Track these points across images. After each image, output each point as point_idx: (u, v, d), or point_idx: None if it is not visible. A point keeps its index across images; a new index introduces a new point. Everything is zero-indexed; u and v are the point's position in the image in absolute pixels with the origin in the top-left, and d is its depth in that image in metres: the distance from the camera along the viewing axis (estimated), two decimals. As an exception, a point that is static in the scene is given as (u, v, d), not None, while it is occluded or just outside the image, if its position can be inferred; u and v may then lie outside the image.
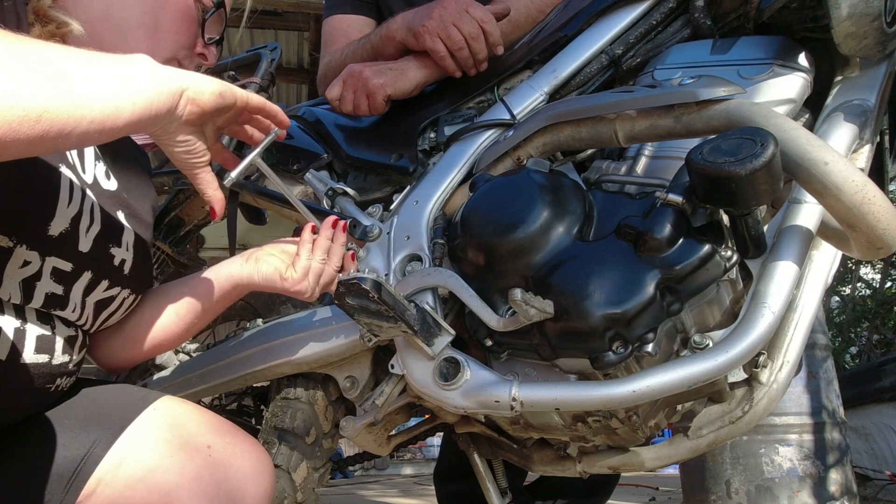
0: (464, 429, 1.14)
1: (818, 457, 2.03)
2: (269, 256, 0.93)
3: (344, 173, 1.24)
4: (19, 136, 0.52)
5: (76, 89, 0.57)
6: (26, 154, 0.55)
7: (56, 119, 0.54)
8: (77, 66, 0.58)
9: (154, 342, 0.95)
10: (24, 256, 0.71)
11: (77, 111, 0.56)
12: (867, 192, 0.71)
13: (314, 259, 0.91)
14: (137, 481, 0.75)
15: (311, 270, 0.90)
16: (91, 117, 0.57)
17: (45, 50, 0.58)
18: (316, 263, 0.91)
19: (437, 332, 0.90)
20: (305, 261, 0.90)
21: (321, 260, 0.91)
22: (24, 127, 0.52)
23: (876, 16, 0.83)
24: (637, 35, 1.07)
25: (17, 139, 0.52)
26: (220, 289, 0.94)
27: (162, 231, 1.54)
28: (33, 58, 0.55)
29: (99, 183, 0.84)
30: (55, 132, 0.54)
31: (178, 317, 0.95)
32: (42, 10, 0.72)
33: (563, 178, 0.93)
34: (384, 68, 1.20)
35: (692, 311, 0.82)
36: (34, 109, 0.52)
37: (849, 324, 5.15)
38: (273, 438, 1.16)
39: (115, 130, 0.60)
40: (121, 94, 0.60)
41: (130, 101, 0.61)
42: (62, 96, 0.55)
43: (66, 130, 0.55)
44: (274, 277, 0.91)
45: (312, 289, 0.91)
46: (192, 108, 0.69)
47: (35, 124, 0.52)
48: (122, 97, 0.60)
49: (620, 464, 1.01)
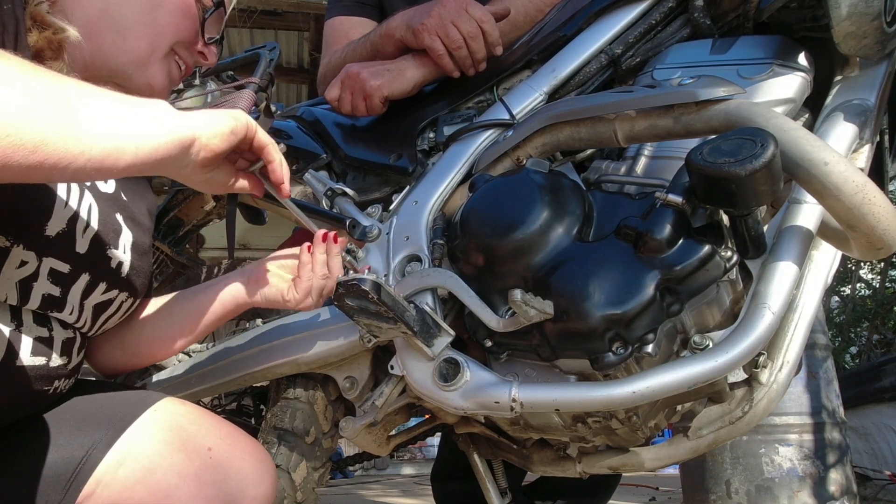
0: (463, 429, 1.14)
1: (818, 457, 2.03)
2: (270, 277, 0.94)
3: (343, 173, 1.24)
4: (11, 164, 0.51)
5: (80, 125, 0.57)
6: (19, 181, 0.54)
7: (53, 152, 0.54)
8: (88, 102, 0.59)
9: (152, 353, 0.96)
10: (21, 256, 0.71)
11: (76, 147, 0.56)
12: (867, 193, 0.71)
13: (315, 278, 0.92)
14: (137, 482, 0.75)
15: (314, 289, 0.92)
16: (89, 155, 0.57)
17: (58, 82, 0.58)
18: (318, 281, 0.92)
19: (437, 332, 0.90)
20: (307, 282, 0.92)
21: (322, 276, 0.92)
22: (18, 155, 0.52)
23: (875, 15, 0.83)
24: (636, 35, 1.07)
25: (10, 166, 0.52)
26: (223, 308, 0.96)
27: (161, 231, 1.54)
28: (41, 87, 0.55)
29: (96, 185, 0.84)
30: (50, 164, 0.54)
31: (179, 331, 0.96)
32: (39, 16, 0.72)
33: (563, 178, 0.93)
34: (381, 69, 1.20)
35: (692, 311, 0.82)
36: (31, 140, 0.52)
37: (849, 324, 5.15)
38: (273, 438, 1.16)
39: (115, 171, 0.61)
40: (126, 137, 0.61)
41: (134, 145, 0.61)
42: (63, 130, 0.55)
43: (62, 164, 0.55)
44: (276, 298, 0.93)
45: (316, 303, 0.93)
46: (206, 154, 0.70)
47: (30, 154, 0.52)
48: (127, 140, 0.61)
49: (620, 464, 1.01)
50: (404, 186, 1.13)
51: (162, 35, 0.84)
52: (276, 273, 0.95)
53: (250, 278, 0.95)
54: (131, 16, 0.82)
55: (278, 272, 0.95)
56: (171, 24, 0.85)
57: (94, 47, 0.79)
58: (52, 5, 0.74)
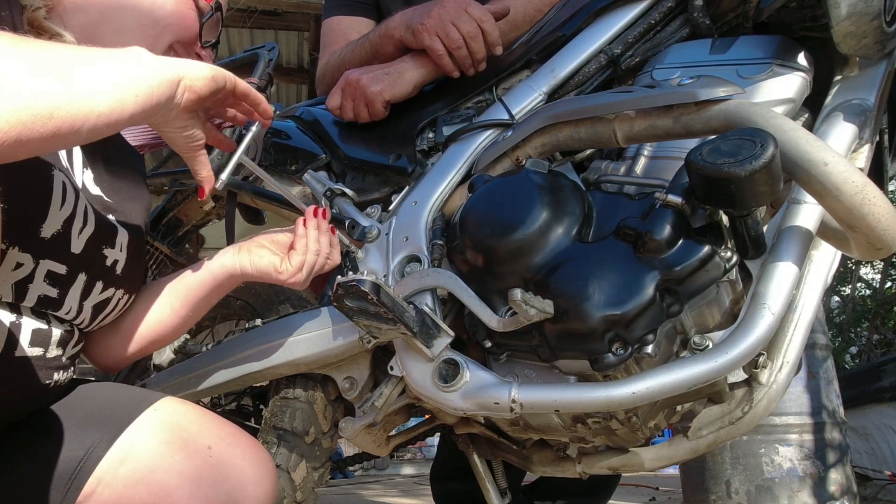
0: (463, 430, 1.14)
1: (818, 457, 2.03)
2: (262, 249, 0.96)
3: (342, 174, 1.24)
4: (33, 136, 0.53)
5: (82, 85, 0.58)
6: (39, 152, 0.57)
7: (67, 115, 0.56)
8: (78, 61, 0.60)
9: (150, 337, 0.95)
10: (16, 258, 0.71)
11: (85, 105, 0.58)
12: (867, 193, 0.71)
13: (309, 253, 0.94)
14: (137, 482, 0.75)
15: (306, 264, 0.93)
16: (99, 111, 0.59)
17: (47, 49, 0.59)
18: (310, 257, 0.94)
19: (437, 333, 0.90)
20: (301, 256, 0.93)
21: (315, 252, 0.94)
22: (38, 125, 0.54)
23: (875, 15, 0.83)
24: (636, 34, 1.06)
25: (32, 138, 0.53)
26: (215, 280, 0.96)
27: (160, 231, 1.54)
28: (38, 57, 0.57)
29: (92, 185, 0.84)
30: (66, 128, 0.56)
31: (173, 311, 0.95)
32: (37, 21, 0.72)
33: (562, 178, 0.93)
34: (381, 74, 1.20)
35: (692, 312, 0.82)
36: (45, 107, 0.54)
37: (849, 324, 5.14)
38: (272, 438, 1.16)
39: (122, 122, 0.63)
40: (123, 85, 0.62)
41: (133, 92, 0.63)
42: (70, 93, 0.57)
43: (77, 126, 0.57)
44: (269, 270, 0.94)
45: (306, 280, 0.95)
46: (190, 95, 0.71)
47: (47, 122, 0.54)
48: (125, 89, 0.63)
49: (620, 464, 1.01)
50: (403, 187, 1.13)
51: (160, 39, 0.85)
52: (269, 247, 0.96)
53: (242, 249, 0.96)
54: (131, 19, 0.82)
55: (270, 247, 0.97)
56: (169, 26, 0.86)
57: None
58: (49, 11, 0.75)
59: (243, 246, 0.96)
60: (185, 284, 0.96)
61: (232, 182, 1.32)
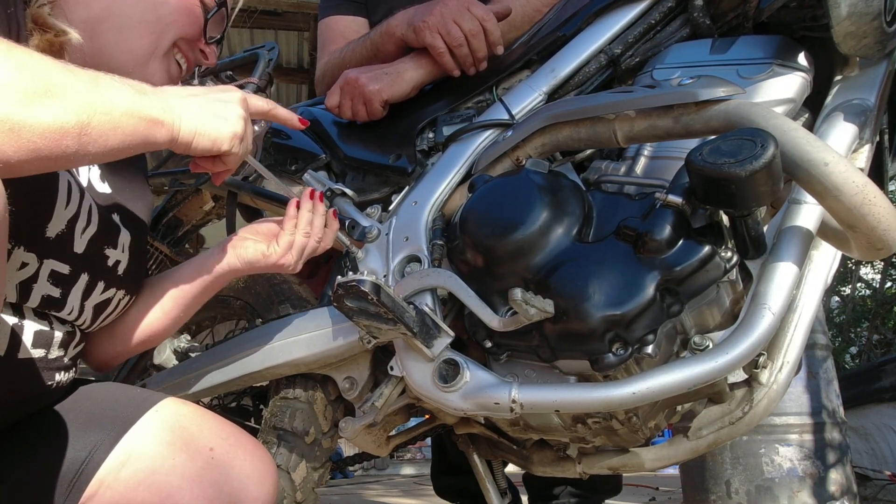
0: (463, 430, 1.14)
1: (818, 457, 2.02)
2: (246, 241, 0.96)
3: (342, 174, 1.24)
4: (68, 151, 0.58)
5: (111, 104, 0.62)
6: (63, 166, 0.62)
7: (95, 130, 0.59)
8: (106, 85, 0.64)
9: (141, 338, 0.96)
10: (21, 258, 0.71)
11: (110, 122, 0.61)
12: (867, 194, 0.71)
13: (298, 233, 0.94)
14: (139, 483, 0.75)
15: (295, 244, 0.94)
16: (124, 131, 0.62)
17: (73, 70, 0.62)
18: (300, 237, 0.94)
19: (437, 333, 0.90)
20: (289, 235, 0.94)
21: (304, 233, 0.94)
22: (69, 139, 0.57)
23: (875, 15, 0.83)
24: (636, 34, 1.06)
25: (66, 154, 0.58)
26: (203, 281, 0.96)
27: (160, 231, 1.54)
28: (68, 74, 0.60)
29: (95, 184, 0.84)
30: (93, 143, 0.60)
31: (164, 312, 0.96)
32: (41, 18, 0.72)
33: (562, 178, 0.93)
34: (380, 73, 1.20)
35: (692, 312, 0.81)
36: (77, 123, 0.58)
37: (849, 324, 5.14)
38: (272, 438, 1.16)
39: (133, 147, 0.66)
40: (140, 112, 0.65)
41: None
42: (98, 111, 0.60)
43: (101, 140, 0.60)
44: (257, 258, 0.94)
45: (296, 262, 0.95)
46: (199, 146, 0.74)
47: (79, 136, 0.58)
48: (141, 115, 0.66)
49: (620, 464, 1.01)
50: (403, 187, 1.13)
51: (164, 34, 0.84)
52: (252, 238, 0.97)
53: (227, 246, 0.96)
54: (135, 14, 0.82)
55: (254, 237, 0.97)
56: (174, 22, 0.85)
57: (94, 46, 0.78)
58: (53, 6, 0.74)
59: (228, 243, 0.97)
60: (176, 287, 0.96)
61: (232, 182, 1.32)
